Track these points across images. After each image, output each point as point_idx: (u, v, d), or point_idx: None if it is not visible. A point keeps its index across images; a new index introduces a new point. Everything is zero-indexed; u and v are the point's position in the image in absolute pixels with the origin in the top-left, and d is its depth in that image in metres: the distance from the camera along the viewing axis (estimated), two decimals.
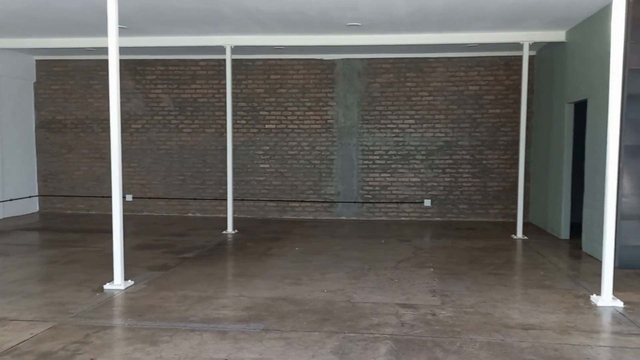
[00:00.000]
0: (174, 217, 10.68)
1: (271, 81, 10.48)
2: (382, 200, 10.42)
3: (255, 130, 10.59)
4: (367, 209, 10.48)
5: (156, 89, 10.78)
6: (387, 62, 10.19)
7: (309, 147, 10.50)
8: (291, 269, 6.40)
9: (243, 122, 10.59)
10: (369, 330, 4.31)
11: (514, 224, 8.65)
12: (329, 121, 10.42)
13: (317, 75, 10.37)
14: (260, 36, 8.59)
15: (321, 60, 10.33)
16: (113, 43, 5.44)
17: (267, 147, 10.59)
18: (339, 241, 8.24)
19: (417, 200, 10.35)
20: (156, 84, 10.78)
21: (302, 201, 10.57)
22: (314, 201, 10.55)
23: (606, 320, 4.62)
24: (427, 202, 10.32)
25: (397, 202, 10.39)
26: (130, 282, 5.65)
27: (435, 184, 10.30)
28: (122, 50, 9.82)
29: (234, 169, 9.26)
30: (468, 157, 10.19)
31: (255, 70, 10.49)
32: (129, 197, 10.85)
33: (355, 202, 10.47)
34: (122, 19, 6.75)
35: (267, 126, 10.56)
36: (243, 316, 4.67)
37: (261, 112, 10.55)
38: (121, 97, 10.72)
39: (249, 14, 7.34)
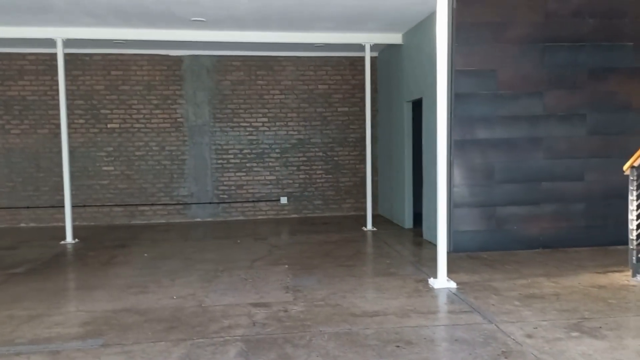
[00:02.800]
0: (2, 228, 9.49)
1: (112, 77, 9.79)
2: (238, 200, 10.29)
3: (96, 130, 9.81)
4: (223, 209, 10.28)
5: None
6: (237, 59, 10.07)
7: (157, 147, 10.00)
8: (138, 276, 6.02)
9: (81, 121, 9.75)
10: (219, 334, 4.18)
11: (365, 217, 9.06)
12: (178, 120, 10.02)
13: (164, 71, 9.91)
14: (95, 29, 7.95)
15: (167, 56, 9.89)
16: None
17: (111, 148, 9.88)
18: (193, 244, 7.96)
19: (273, 198, 10.40)
20: None
21: (152, 204, 10.04)
22: (165, 204, 10.08)
23: (442, 301, 5.01)
24: (284, 200, 10.41)
25: (253, 201, 10.34)
26: None
27: (291, 181, 10.43)
28: None
29: (73, 172, 8.50)
30: (321, 154, 10.47)
31: (94, 66, 9.71)
32: None
33: (210, 203, 10.21)
34: None
35: (109, 126, 9.85)
36: (80, 332, 4.26)
37: (102, 111, 9.81)
38: None
39: (78, 4, 6.73)
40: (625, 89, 7.05)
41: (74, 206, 8.37)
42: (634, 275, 5.51)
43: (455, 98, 6.81)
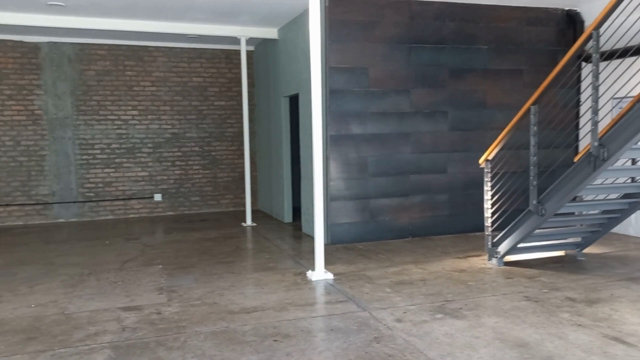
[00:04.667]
0: None
1: None
2: (107, 198, 9.66)
3: None
4: (90, 209, 9.59)
5: None
6: (103, 48, 9.42)
7: (12, 142, 9.04)
8: None
9: None
10: (84, 342, 3.88)
11: (245, 212, 8.96)
12: (36, 112, 9.14)
13: (18, 59, 8.97)
14: None
15: (21, 42, 8.96)
16: None
17: None
18: (55, 247, 7.32)
19: (146, 196, 9.91)
20: None
21: (7, 205, 9.07)
22: (22, 204, 9.16)
23: (319, 292, 5.10)
24: (158, 197, 9.97)
25: (124, 199, 9.77)
26: None
27: (165, 177, 10.01)
28: None
29: None
30: (197, 149, 10.17)
31: None
32: None
33: (75, 202, 9.46)
34: None
35: None
36: None
37: None
38: None
39: None
40: (481, 88, 7.70)
41: None
42: (489, 259, 6.06)
43: (329, 94, 6.96)
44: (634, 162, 5.49)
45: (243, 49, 8.57)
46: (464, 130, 7.66)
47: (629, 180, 5.50)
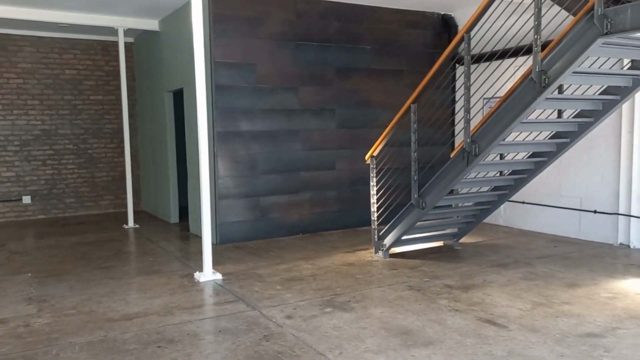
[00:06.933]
0: None
1: None
2: None
3: None
4: None
5: None
6: None
7: None
8: None
9: None
10: None
11: (127, 214, 8.47)
12: None
13: None
14: None
15: None
16: None
17: None
18: None
19: (13, 198, 9.01)
20: None
21: None
22: None
23: (207, 294, 4.95)
24: (27, 199, 9.11)
25: None
26: None
27: (35, 177, 9.17)
28: None
29: None
30: (71, 146, 9.43)
31: None
32: None
33: None
34: None
35: None
36: None
37: None
38: None
39: None
40: (366, 87, 7.94)
41: None
42: (376, 252, 6.27)
43: (216, 90, 6.78)
44: (501, 157, 5.96)
45: (121, 40, 8.07)
46: (350, 127, 7.85)
47: (498, 174, 5.97)
